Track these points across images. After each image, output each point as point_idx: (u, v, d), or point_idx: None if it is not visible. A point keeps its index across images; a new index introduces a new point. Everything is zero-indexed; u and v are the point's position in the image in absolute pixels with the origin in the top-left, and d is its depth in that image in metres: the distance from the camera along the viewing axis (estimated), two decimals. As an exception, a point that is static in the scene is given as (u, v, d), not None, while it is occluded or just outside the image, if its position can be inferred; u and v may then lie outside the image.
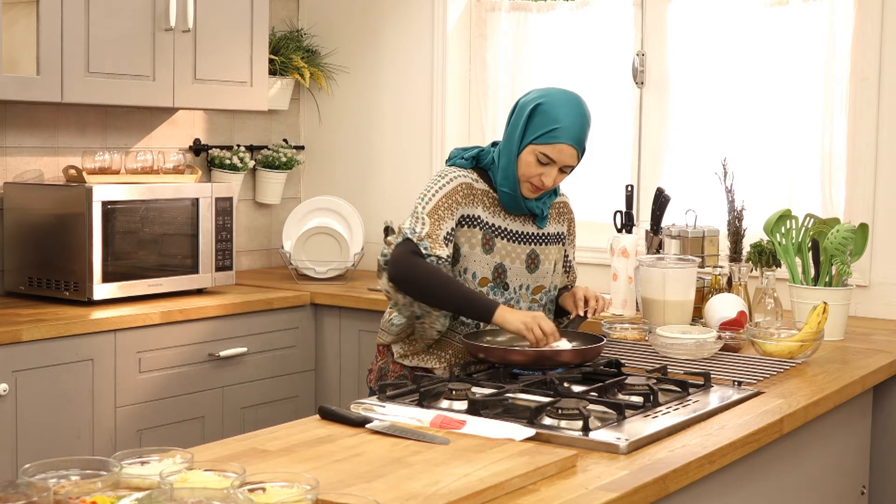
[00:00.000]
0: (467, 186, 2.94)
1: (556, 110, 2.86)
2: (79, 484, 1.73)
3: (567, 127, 2.85)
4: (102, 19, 3.93)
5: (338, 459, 2.01)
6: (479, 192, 2.96)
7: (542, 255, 3.03)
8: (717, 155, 3.96)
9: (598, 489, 1.92)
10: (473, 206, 2.94)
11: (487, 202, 2.97)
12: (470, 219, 2.93)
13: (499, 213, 2.97)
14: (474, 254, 2.93)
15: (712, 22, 4.26)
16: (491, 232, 2.95)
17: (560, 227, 3.13)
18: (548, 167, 2.89)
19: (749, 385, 2.71)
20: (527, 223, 3.02)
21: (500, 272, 2.96)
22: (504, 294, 2.97)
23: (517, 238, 3.00)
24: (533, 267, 3.01)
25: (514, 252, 2.98)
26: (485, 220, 2.94)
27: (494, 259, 2.95)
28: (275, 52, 4.85)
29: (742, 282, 3.50)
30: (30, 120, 4.17)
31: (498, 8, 4.77)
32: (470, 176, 2.97)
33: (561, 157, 2.87)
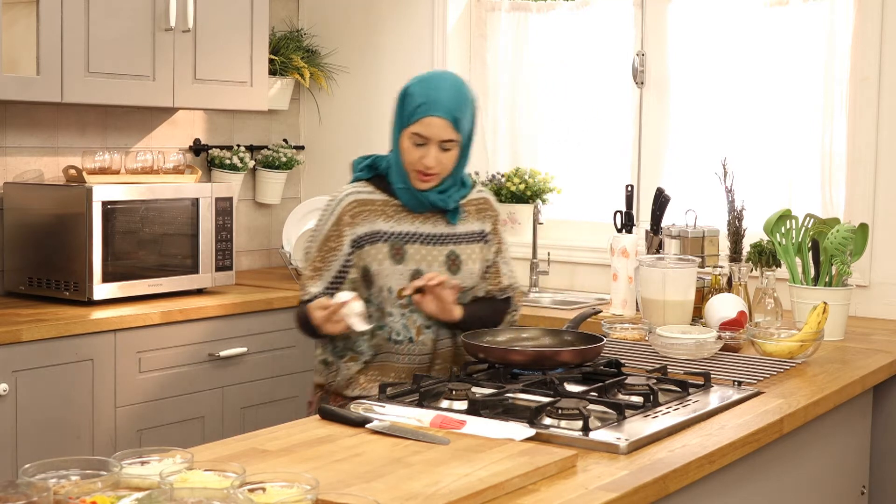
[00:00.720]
0: (358, 204, 2.82)
1: (421, 89, 2.76)
2: (79, 484, 1.73)
3: (432, 100, 2.72)
4: (102, 19, 3.93)
5: (338, 459, 2.01)
6: (376, 204, 2.83)
7: (462, 255, 2.86)
8: (717, 155, 3.96)
9: (598, 489, 1.92)
10: (371, 222, 2.81)
11: (390, 211, 2.83)
12: (370, 236, 2.80)
13: (405, 218, 2.83)
14: (384, 269, 2.80)
15: (712, 22, 4.26)
16: (399, 240, 2.81)
17: (482, 225, 2.93)
18: (425, 147, 2.75)
19: (749, 385, 2.71)
20: (439, 223, 2.86)
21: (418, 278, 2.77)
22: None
23: (431, 240, 2.84)
24: (454, 268, 2.85)
25: (431, 255, 2.83)
26: (388, 231, 2.81)
27: (409, 267, 2.80)
28: (275, 52, 4.85)
29: (742, 282, 3.50)
30: (30, 120, 4.17)
31: (498, 8, 4.78)
32: (363, 190, 2.84)
33: (431, 131, 2.72)
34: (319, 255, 2.83)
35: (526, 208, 4.64)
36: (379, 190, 2.86)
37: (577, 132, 4.67)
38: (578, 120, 4.66)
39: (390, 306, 2.81)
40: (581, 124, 4.66)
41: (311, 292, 2.82)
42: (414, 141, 2.76)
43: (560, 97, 4.68)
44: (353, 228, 2.80)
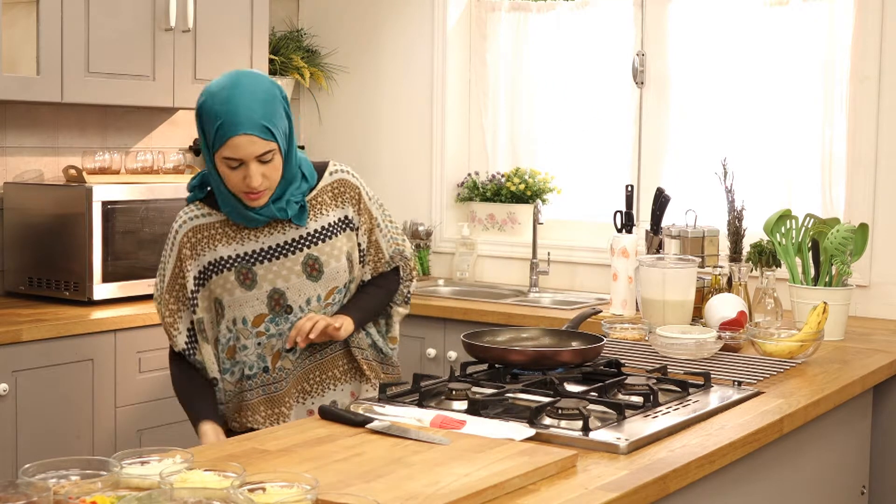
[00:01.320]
0: (194, 232, 2.58)
1: (215, 106, 2.44)
2: (79, 484, 1.73)
3: (231, 119, 2.42)
4: (102, 19, 3.93)
5: (338, 459, 2.01)
6: (214, 227, 2.58)
7: (322, 256, 2.60)
8: (717, 155, 3.96)
9: (598, 489, 1.92)
10: (212, 249, 2.57)
11: (230, 231, 2.58)
12: (213, 265, 2.57)
13: (248, 235, 2.57)
14: (235, 299, 2.57)
15: (712, 22, 4.26)
16: (245, 263, 2.56)
17: (342, 211, 2.67)
18: (242, 168, 2.45)
19: (749, 385, 2.71)
20: (288, 228, 2.59)
21: (276, 299, 2.58)
22: (290, 318, 2.60)
23: (281, 251, 2.58)
24: (315, 274, 2.60)
25: (285, 268, 2.58)
26: (232, 255, 2.57)
27: (263, 290, 2.57)
28: (275, 51, 4.85)
29: (742, 282, 3.50)
30: (30, 120, 4.17)
31: (498, 8, 4.78)
32: (198, 214, 2.60)
33: (242, 151, 2.43)
34: (171, 296, 2.62)
35: (526, 208, 4.65)
36: (215, 209, 2.60)
37: (577, 132, 4.68)
38: (578, 120, 4.66)
39: (244, 339, 2.60)
40: (581, 124, 4.66)
41: (178, 344, 2.62)
42: (229, 165, 2.46)
43: (560, 97, 4.68)
44: (196, 260, 2.57)
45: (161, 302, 2.64)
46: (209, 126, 2.45)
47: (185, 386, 2.67)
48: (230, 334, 2.62)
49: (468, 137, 4.92)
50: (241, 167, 2.45)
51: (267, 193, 2.51)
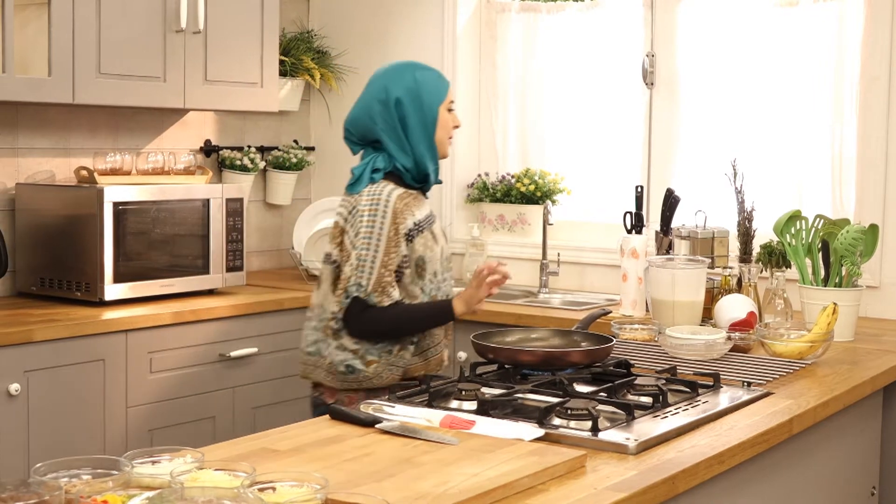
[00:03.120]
0: (402, 198, 2.93)
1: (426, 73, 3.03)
2: (90, 483, 1.74)
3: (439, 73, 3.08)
4: (114, 21, 3.94)
5: (347, 459, 2.02)
6: (408, 197, 2.97)
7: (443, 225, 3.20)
8: (726, 155, 3.95)
9: (607, 489, 1.92)
10: (412, 214, 2.94)
11: (414, 202, 2.98)
12: (416, 226, 2.94)
13: (421, 206, 3.00)
14: (434, 254, 2.97)
15: (722, 22, 4.26)
16: (429, 224, 3.00)
17: None
18: (453, 111, 3.06)
19: (758, 386, 2.71)
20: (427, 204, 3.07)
21: (446, 255, 3.07)
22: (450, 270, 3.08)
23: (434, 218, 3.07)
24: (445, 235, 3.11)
25: (438, 232, 3.05)
26: (422, 218, 2.98)
27: (440, 245, 3.02)
28: (285, 53, 4.86)
29: (752, 282, 3.50)
30: (41, 121, 4.19)
31: (508, 9, 4.78)
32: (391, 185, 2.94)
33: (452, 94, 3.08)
34: (387, 257, 2.86)
35: (536, 209, 4.65)
36: (400, 184, 2.97)
37: (586, 133, 4.68)
38: (588, 121, 4.66)
39: (444, 286, 3.02)
40: (591, 125, 4.66)
41: (393, 297, 2.87)
42: (449, 108, 3.02)
43: (570, 98, 4.68)
44: (405, 223, 2.91)
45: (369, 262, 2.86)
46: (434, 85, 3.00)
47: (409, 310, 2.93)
48: (432, 285, 2.96)
49: (478, 138, 4.92)
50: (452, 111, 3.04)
51: None
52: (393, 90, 2.96)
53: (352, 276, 2.85)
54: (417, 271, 2.93)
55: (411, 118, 2.96)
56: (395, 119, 2.96)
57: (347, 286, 2.85)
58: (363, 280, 2.84)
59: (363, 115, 3.00)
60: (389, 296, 2.85)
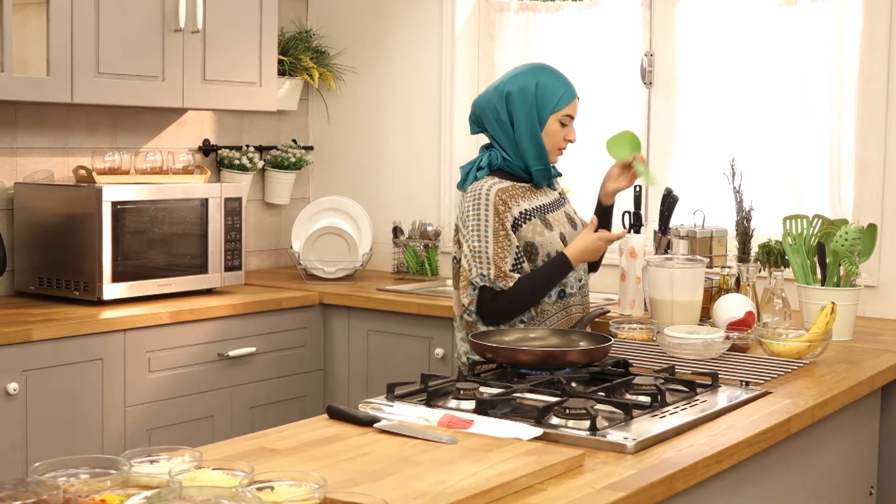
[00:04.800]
0: (502, 191, 3.14)
1: (551, 80, 3.20)
2: (88, 482, 1.74)
3: (570, 88, 3.22)
4: (112, 20, 3.94)
5: (346, 458, 2.02)
6: (512, 190, 3.17)
7: (570, 213, 3.33)
8: (725, 155, 3.95)
9: (606, 488, 1.92)
10: (516, 204, 3.15)
11: (521, 193, 3.18)
12: (522, 215, 3.15)
13: (533, 195, 3.22)
14: (545, 238, 3.15)
15: (720, 22, 4.26)
16: (541, 213, 3.19)
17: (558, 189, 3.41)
18: (569, 126, 3.23)
19: (757, 385, 2.71)
20: (546, 194, 3.27)
21: (564, 239, 3.21)
22: None
23: (555, 207, 3.27)
24: (574, 225, 3.30)
25: (560, 218, 3.25)
26: (531, 207, 3.18)
27: (555, 232, 3.19)
28: (284, 52, 4.86)
29: (750, 282, 3.50)
30: (40, 120, 4.19)
31: (506, 8, 4.78)
32: (494, 181, 3.16)
33: (575, 110, 3.24)
34: (498, 246, 3.08)
35: (534, 208, 4.65)
36: (503, 179, 3.19)
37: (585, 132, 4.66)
38: (587, 120, 4.65)
39: None
40: (589, 124, 4.65)
41: (515, 277, 3.08)
42: (563, 122, 3.20)
43: (568, 97, 4.68)
44: (508, 213, 3.12)
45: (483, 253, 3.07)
46: (551, 94, 3.17)
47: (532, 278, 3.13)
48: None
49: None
50: (567, 126, 3.21)
51: None
52: (509, 85, 3.19)
53: (472, 269, 3.07)
54: (528, 256, 3.13)
55: (519, 114, 3.17)
56: (505, 112, 3.18)
57: (471, 278, 3.07)
58: (483, 269, 3.06)
59: (484, 101, 3.25)
60: (512, 277, 3.07)
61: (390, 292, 4.36)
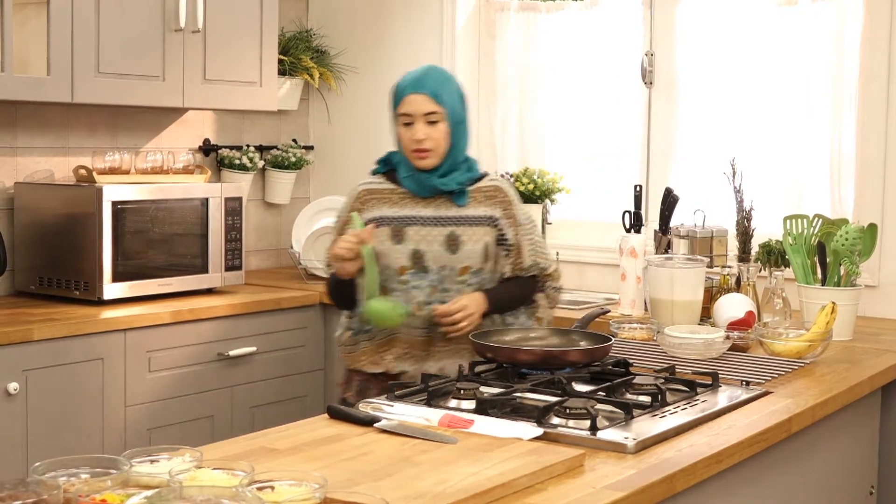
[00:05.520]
0: (366, 193, 3.09)
1: (403, 78, 3.03)
2: (88, 482, 1.74)
3: (410, 82, 2.99)
4: (113, 20, 3.94)
5: (346, 458, 2.02)
6: (384, 193, 3.07)
7: (463, 236, 3.00)
8: (725, 155, 3.95)
9: (606, 488, 1.92)
10: (378, 209, 3.04)
11: (395, 198, 3.05)
12: (375, 220, 3.01)
13: (409, 204, 3.04)
14: (385, 249, 2.99)
15: (721, 21, 4.26)
16: (400, 223, 3.01)
17: (491, 210, 3.05)
18: (413, 125, 2.96)
19: (757, 385, 2.71)
20: (442, 206, 3.03)
21: (417, 257, 2.99)
22: (426, 277, 2.99)
23: (432, 222, 3.01)
24: (453, 248, 2.99)
25: (430, 235, 3.00)
26: (391, 215, 3.02)
27: (408, 247, 2.99)
28: (284, 52, 4.86)
29: (750, 282, 3.50)
30: (40, 120, 4.19)
31: (507, 8, 4.78)
32: (374, 181, 3.11)
33: (413, 107, 2.95)
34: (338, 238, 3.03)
35: (535, 208, 4.64)
36: (389, 181, 3.09)
37: (585, 132, 4.68)
38: (587, 120, 4.66)
39: (393, 283, 3.00)
40: (590, 124, 4.66)
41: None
42: (403, 122, 2.98)
43: (569, 97, 4.68)
44: (362, 214, 3.03)
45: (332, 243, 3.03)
46: (395, 94, 3.00)
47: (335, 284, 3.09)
48: (383, 277, 2.98)
49: (477, 137, 4.91)
50: (411, 125, 2.95)
51: (431, 155, 2.97)
52: None
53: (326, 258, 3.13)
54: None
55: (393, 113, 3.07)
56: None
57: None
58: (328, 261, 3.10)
59: None
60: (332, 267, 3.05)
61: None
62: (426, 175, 3.00)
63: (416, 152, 2.97)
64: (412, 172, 3.02)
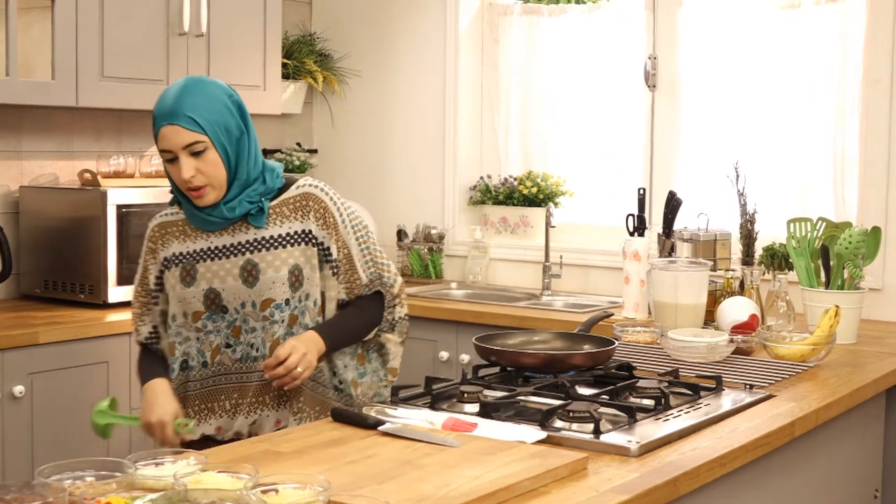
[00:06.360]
0: (160, 228, 2.65)
1: (156, 105, 2.58)
2: (94, 485, 1.75)
3: (158, 113, 2.54)
4: (117, 24, 3.95)
5: (350, 461, 2.02)
6: (177, 225, 2.64)
7: (262, 263, 2.56)
8: (729, 158, 3.96)
9: (609, 491, 1.92)
10: (170, 245, 2.62)
11: (188, 230, 2.62)
12: (168, 261, 2.62)
13: (202, 235, 2.60)
14: (177, 294, 2.60)
15: (724, 25, 4.27)
16: (190, 260, 2.59)
17: (302, 224, 2.61)
18: (177, 161, 2.50)
19: (761, 388, 2.71)
20: (239, 231, 2.59)
21: (212, 298, 2.57)
22: (226, 318, 2.58)
23: (225, 252, 2.58)
24: (251, 280, 2.55)
25: (224, 269, 2.57)
26: (180, 252, 2.60)
27: (200, 287, 2.57)
28: (288, 56, 4.87)
29: (754, 285, 3.51)
30: (45, 124, 4.20)
31: (510, 12, 4.79)
32: (169, 212, 2.66)
33: (170, 142, 2.50)
34: (141, 288, 2.68)
35: (538, 212, 4.65)
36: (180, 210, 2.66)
37: (589, 135, 4.68)
38: (590, 123, 4.67)
39: (186, 331, 2.62)
40: (593, 127, 4.67)
41: (141, 333, 2.69)
42: (165, 158, 2.54)
43: (572, 100, 4.69)
44: (157, 255, 2.64)
45: (134, 294, 2.70)
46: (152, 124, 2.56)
47: (146, 364, 2.68)
48: (174, 325, 2.63)
49: (480, 141, 4.93)
50: (175, 161, 2.51)
51: (210, 192, 2.53)
52: None
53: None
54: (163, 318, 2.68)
55: None
56: None
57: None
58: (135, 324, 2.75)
59: None
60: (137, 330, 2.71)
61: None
62: (210, 208, 2.56)
63: (189, 192, 2.52)
64: (194, 210, 2.58)
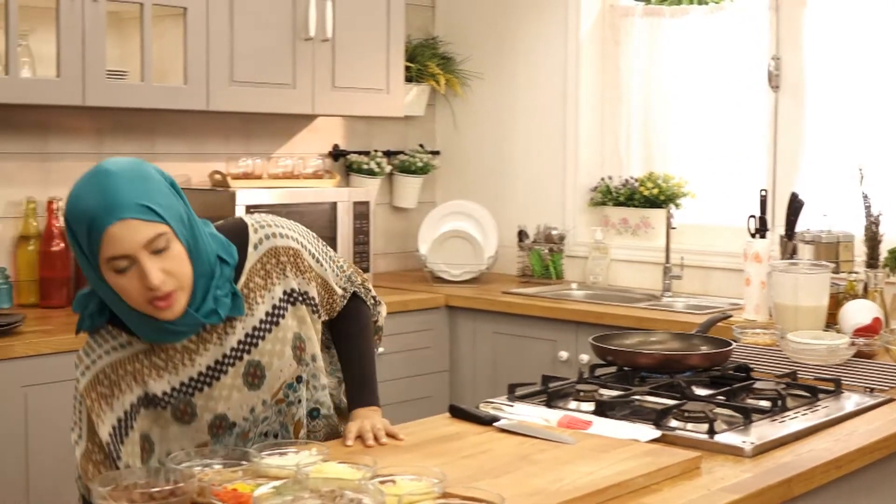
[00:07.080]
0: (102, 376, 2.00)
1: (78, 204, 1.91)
2: (221, 472, 1.85)
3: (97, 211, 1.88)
4: (246, 30, 4.08)
5: (466, 455, 2.07)
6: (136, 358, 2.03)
7: (264, 359, 2.12)
8: (853, 159, 3.90)
9: (721, 490, 1.93)
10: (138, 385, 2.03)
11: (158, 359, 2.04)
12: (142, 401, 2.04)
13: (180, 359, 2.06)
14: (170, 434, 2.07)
15: (849, 24, 4.20)
16: (183, 397, 2.06)
17: (283, 283, 2.19)
18: (133, 268, 1.90)
19: (881, 392, 2.68)
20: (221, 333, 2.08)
21: (218, 424, 2.10)
22: (234, 430, 2.13)
23: (221, 369, 2.08)
24: (257, 382, 2.12)
25: (226, 388, 2.09)
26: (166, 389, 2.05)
27: (204, 420, 2.08)
28: (411, 59, 4.94)
29: (878, 288, 3.45)
30: (178, 127, 4.35)
31: (631, 13, 4.78)
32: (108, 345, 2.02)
33: (127, 244, 1.88)
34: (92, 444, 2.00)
35: (659, 213, 4.64)
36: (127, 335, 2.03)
37: (710, 136, 4.65)
38: (712, 124, 4.64)
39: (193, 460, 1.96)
40: (715, 128, 4.64)
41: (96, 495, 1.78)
42: (117, 269, 1.90)
43: (694, 101, 4.67)
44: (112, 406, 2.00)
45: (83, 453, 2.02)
46: (81, 231, 1.90)
47: None
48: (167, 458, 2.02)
49: (601, 142, 4.94)
50: (132, 268, 1.90)
51: (180, 296, 1.96)
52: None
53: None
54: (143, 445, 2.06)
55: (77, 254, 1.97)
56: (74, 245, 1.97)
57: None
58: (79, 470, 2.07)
59: None
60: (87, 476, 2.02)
61: (515, 295, 4.41)
62: (178, 319, 1.97)
63: (155, 303, 1.92)
64: (154, 327, 1.98)
